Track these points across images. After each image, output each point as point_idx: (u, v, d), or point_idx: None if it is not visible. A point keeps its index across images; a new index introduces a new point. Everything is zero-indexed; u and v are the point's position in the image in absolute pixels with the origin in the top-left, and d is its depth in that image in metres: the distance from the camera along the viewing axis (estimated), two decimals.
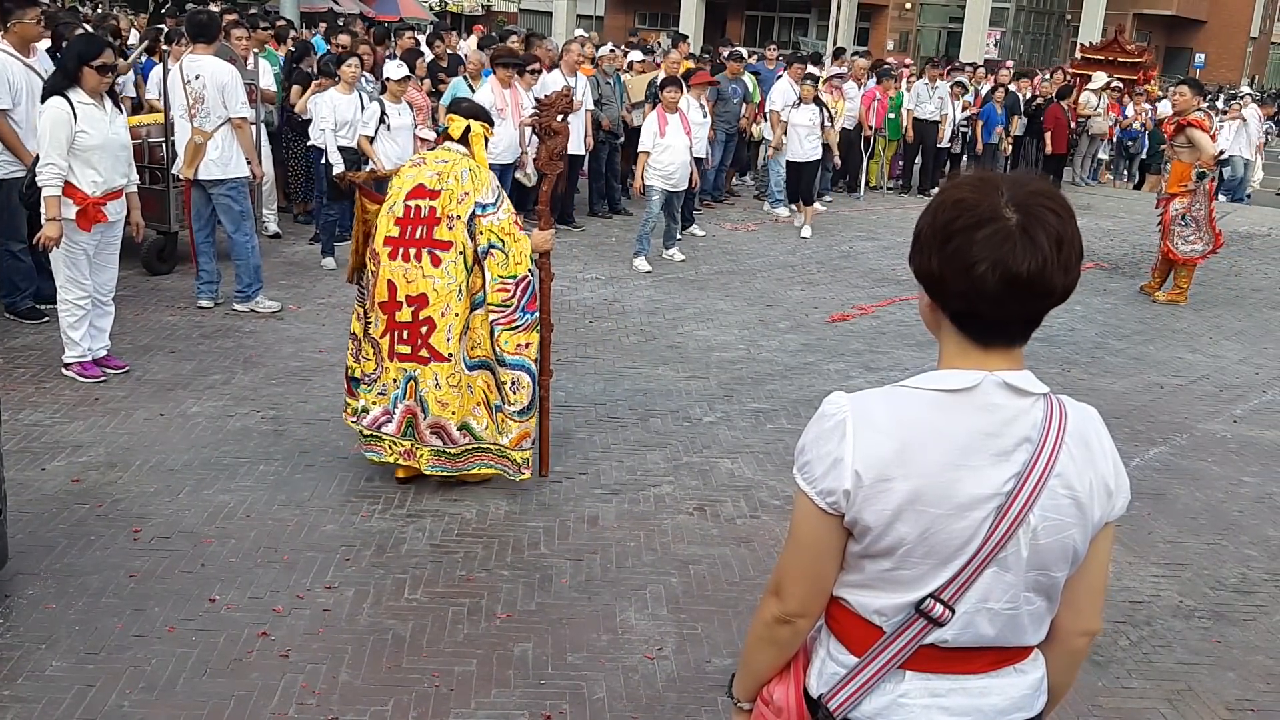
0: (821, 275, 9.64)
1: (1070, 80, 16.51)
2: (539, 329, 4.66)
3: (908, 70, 16.50)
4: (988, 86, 15.35)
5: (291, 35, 12.08)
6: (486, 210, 4.45)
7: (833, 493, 1.58)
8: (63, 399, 5.59)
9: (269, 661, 3.48)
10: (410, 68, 9.42)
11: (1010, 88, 15.08)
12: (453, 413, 4.55)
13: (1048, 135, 14.55)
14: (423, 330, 4.48)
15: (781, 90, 11.75)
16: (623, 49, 15.18)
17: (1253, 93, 24.80)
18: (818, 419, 1.63)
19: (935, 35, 42.77)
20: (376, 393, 4.64)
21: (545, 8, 45.69)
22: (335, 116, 8.38)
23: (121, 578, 3.91)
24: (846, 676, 1.66)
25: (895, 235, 11.50)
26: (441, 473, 4.68)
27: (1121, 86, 17.17)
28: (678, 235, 10.03)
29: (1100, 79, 16.73)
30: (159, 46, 9.95)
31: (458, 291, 4.46)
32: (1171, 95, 14.62)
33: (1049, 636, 1.71)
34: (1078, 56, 20.99)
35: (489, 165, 4.78)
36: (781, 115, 11.47)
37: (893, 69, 14.71)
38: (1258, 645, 4.01)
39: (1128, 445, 5.70)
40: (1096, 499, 1.61)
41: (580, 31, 25.97)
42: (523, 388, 4.58)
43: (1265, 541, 4.87)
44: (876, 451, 1.56)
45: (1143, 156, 17.71)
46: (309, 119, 8.92)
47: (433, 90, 10.58)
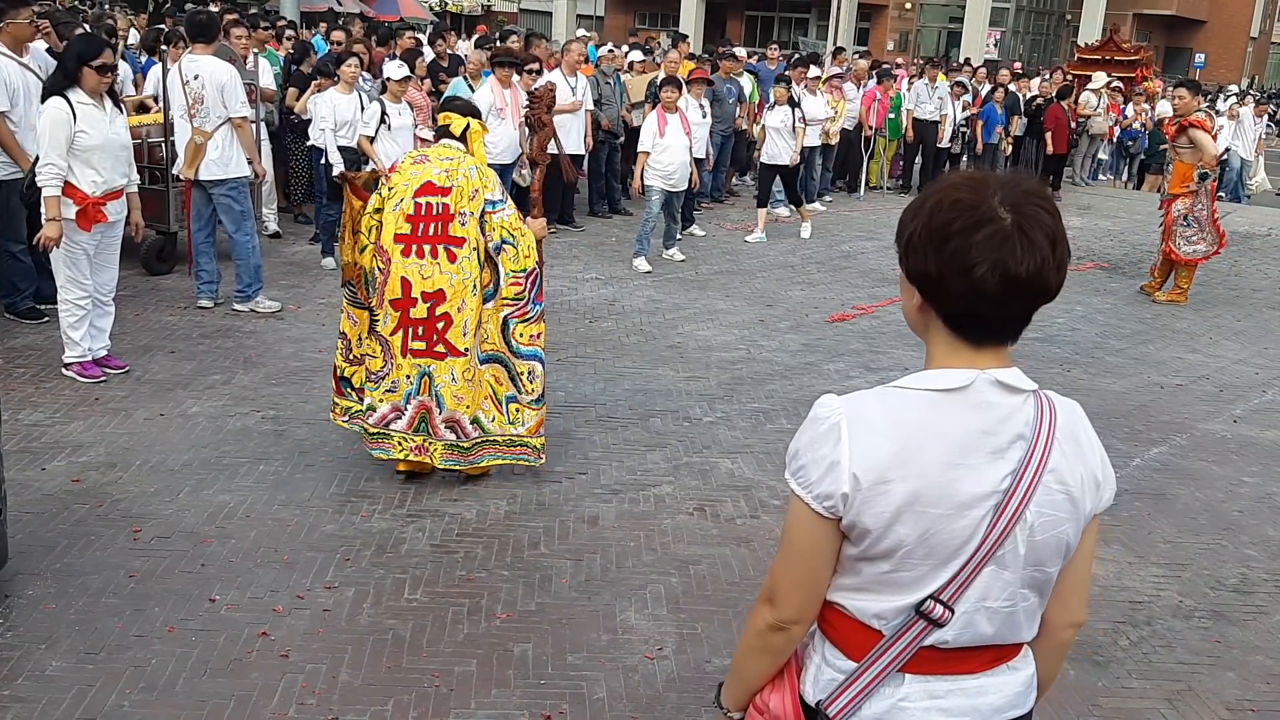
0: (821, 275, 9.64)
1: (1069, 80, 16.50)
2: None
3: (903, 70, 16.49)
4: (987, 87, 15.36)
5: (289, 35, 12.06)
6: (496, 207, 4.53)
7: (830, 496, 1.57)
8: (63, 399, 5.59)
9: (269, 661, 3.48)
10: (410, 68, 9.42)
11: (1010, 88, 15.08)
12: (467, 407, 4.63)
13: (1048, 135, 14.54)
14: (439, 326, 4.54)
15: None
16: (623, 48, 15.17)
17: (1240, 91, 24.80)
18: (810, 422, 1.62)
19: (935, 35, 42.80)
20: (384, 390, 4.65)
21: (545, 8, 45.70)
22: (335, 116, 8.39)
23: (121, 578, 3.91)
24: (845, 682, 1.65)
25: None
26: (453, 467, 4.72)
27: (1121, 86, 17.17)
28: (678, 235, 10.03)
29: (1100, 79, 16.73)
30: (158, 46, 9.95)
31: (472, 287, 4.54)
32: (1171, 97, 14.63)
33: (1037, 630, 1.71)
34: (1075, 57, 21.00)
35: (489, 165, 4.82)
36: (759, 118, 11.49)
37: (889, 69, 14.70)
38: (1258, 645, 4.01)
39: (1128, 445, 5.68)
40: (1087, 492, 1.62)
41: (581, 31, 25.99)
42: (537, 377, 4.73)
43: (1265, 541, 4.87)
44: (874, 453, 1.55)
45: (1142, 157, 17.71)
46: (309, 119, 8.93)
47: (433, 90, 10.57)
